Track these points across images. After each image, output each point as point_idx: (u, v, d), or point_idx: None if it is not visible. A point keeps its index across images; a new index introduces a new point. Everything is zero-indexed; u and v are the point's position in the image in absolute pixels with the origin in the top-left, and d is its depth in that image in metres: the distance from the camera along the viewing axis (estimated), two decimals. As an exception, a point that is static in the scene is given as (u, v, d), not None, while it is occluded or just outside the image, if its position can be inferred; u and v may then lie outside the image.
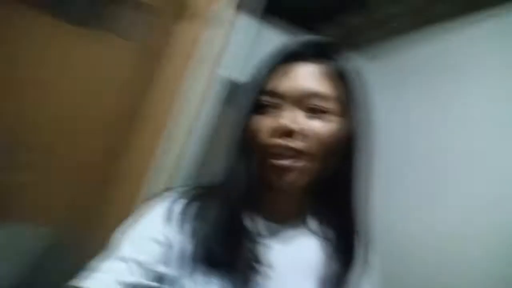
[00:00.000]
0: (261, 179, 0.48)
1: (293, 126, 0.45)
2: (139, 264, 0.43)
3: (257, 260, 0.47)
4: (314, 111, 0.47)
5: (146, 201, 0.52)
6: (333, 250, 0.53)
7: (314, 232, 0.55)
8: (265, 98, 0.48)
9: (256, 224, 0.50)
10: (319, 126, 0.46)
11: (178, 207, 0.50)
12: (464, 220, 1.00)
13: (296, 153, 0.45)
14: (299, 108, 0.47)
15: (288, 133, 0.45)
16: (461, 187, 1.05)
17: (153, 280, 0.44)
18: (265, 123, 0.47)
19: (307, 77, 0.48)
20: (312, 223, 0.55)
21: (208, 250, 0.45)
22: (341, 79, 0.50)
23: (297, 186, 0.48)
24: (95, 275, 0.42)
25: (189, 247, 0.46)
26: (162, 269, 0.45)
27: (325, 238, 0.54)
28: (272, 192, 0.51)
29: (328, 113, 0.47)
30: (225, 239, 0.46)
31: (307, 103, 0.47)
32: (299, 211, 0.55)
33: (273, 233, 0.51)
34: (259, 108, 0.48)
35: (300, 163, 0.46)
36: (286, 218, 0.53)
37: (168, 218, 0.48)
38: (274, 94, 0.47)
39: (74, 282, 0.41)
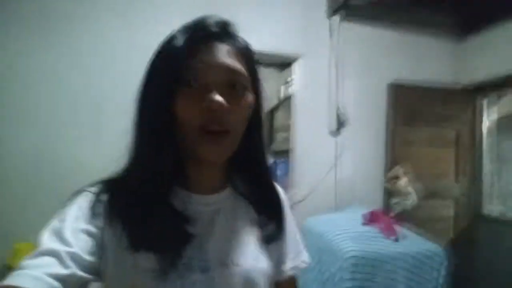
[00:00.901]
0: (187, 155, 0.51)
1: (225, 105, 0.46)
2: (69, 255, 0.42)
3: (187, 235, 0.49)
4: (236, 88, 0.49)
5: (70, 197, 0.51)
6: (262, 206, 0.59)
7: (240, 194, 0.59)
8: (189, 76, 0.47)
9: (186, 199, 0.52)
10: (243, 102, 0.50)
11: (103, 198, 0.50)
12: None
13: (225, 129, 0.48)
14: (225, 86, 0.48)
15: (219, 111, 0.46)
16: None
17: (86, 272, 0.43)
18: (194, 101, 0.47)
19: (227, 55, 0.49)
20: (237, 186, 0.60)
21: (139, 234, 0.46)
22: (247, 55, 0.53)
23: (225, 158, 0.51)
24: (24, 272, 0.39)
25: (118, 236, 0.47)
26: (93, 259, 0.44)
27: (251, 197, 0.59)
28: (198, 166, 0.53)
29: (246, 89, 0.51)
30: (155, 220, 0.47)
31: (231, 80, 0.49)
32: (224, 179, 0.58)
33: (205, 204, 0.54)
34: (182, 85, 0.47)
35: (228, 138, 0.49)
36: (213, 187, 0.56)
37: (93, 209, 0.48)
38: (199, 72, 0.47)
39: (1, 283, 0.39)
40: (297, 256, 0.65)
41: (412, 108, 2.52)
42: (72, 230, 0.45)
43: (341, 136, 2.37)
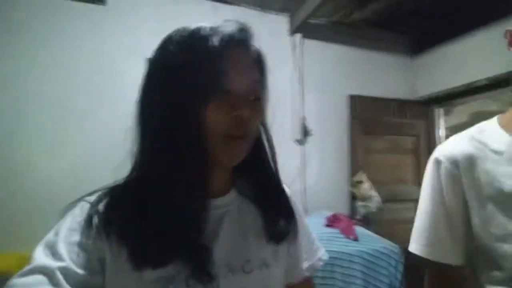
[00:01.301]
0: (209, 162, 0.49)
1: (249, 118, 0.47)
2: (62, 271, 0.41)
3: (202, 248, 0.47)
4: (256, 97, 0.50)
5: (68, 207, 0.49)
6: (269, 208, 0.57)
7: (246, 196, 0.58)
8: (223, 85, 0.46)
9: (198, 204, 0.49)
10: (260, 112, 0.52)
11: (100, 208, 0.47)
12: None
13: (244, 137, 0.49)
14: (247, 96, 0.48)
15: (244, 123, 0.47)
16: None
17: (77, 286, 0.41)
18: (224, 109, 0.46)
19: (251, 64, 0.50)
20: (241, 188, 0.59)
21: (145, 252, 0.44)
22: (263, 62, 0.53)
23: (238, 163, 0.51)
24: None
25: (116, 249, 0.44)
26: (87, 273, 0.42)
27: (258, 199, 0.58)
28: (212, 168, 0.51)
29: (263, 98, 0.52)
30: (167, 234, 0.45)
31: (256, 92, 0.50)
32: (230, 181, 0.58)
33: (212, 208, 0.51)
34: (214, 93, 0.46)
35: (246, 143, 0.50)
36: (220, 190, 0.55)
37: (89, 221, 0.45)
38: (232, 82, 0.47)
39: None
40: (312, 256, 0.65)
41: (371, 118, 2.71)
42: (66, 244, 0.43)
43: (307, 145, 2.50)
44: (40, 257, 0.42)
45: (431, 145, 2.84)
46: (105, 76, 2.04)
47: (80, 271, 0.42)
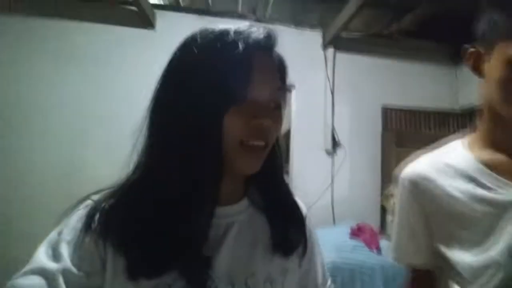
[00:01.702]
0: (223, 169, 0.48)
1: (270, 127, 0.46)
2: (61, 273, 0.40)
3: (204, 259, 0.45)
4: (276, 105, 0.49)
5: (74, 205, 0.48)
6: (280, 220, 0.55)
7: (258, 206, 0.56)
8: (245, 93, 0.44)
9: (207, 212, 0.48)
10: (280, 121, 0.50)
11: (105, 207, 0.45)
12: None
13: (265, 146, 0.48)
14: (269, 104, 0.47)
15: (264, 132, 0.46)
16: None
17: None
18: (244, 117, 0.45)
19: (274, 71, 0.48)
20: (254, 197, 0.56)
21: (144, 261, 0.42)
22: (284, 70, 0.52)
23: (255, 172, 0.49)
24: None
25: (115, 257, 0.43)
26: (86, 275, 0.42)
27: (269, 210, 0.56)
28: (223, 177, 0.49)
29: (283, 107, 0.51)
30: (168, 241, 0.43)
31: (278, 101, 0.49)
32: (242, 189, 0.56)
33: (218, 216, 0.49)
34: (235, 100, 0.44)
35: (265, 152, 0.49)
36: (231, 198, 0.53)
37: (92, 220, 0.44)
38: (255, 90, 0.45)
39: None
40: (324, 284, 0.63)
41: (406, 130, 2.66)
42: (68, 244, 0.43)
43: (337, 156, 2.56)
44: (41, 257, 0.42)
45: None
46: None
47: (80, 273, 0.41)
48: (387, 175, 2.57)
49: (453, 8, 2.26)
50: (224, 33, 0.46)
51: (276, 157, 0.55)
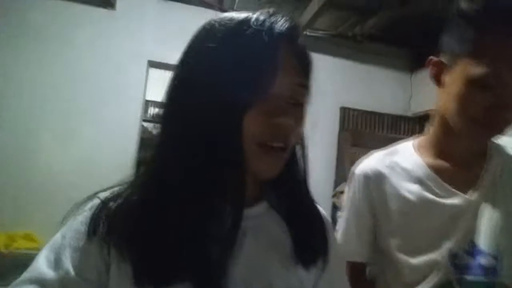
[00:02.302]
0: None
1: (291, 126, 0.42)
2: (60, 283, 0.38)
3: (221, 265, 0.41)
4: (298, 104, 0.44)
5: (80, 204, 0.45)
6: (300, 226, 0.50)
7: (277, 211, 0.51)
8: (267, 90, 0.40)
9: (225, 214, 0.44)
10: (302, 119, 0.46)
11: (112, 208, 0.42)
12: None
13: (285, 147, 0.44)
14: (290, 102, 0.43)
15: (284, 131, 0.43)
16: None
17: None
18: (263, 116, 0.41)
19: (299, 65, 0.44)
20: (273, 201, 0.52)
21: (156, 267, 0.38)
22: (309, 64, 0.47)
23: (276, 175, 0.46)
24: None
25: (120, 262, 0.39)
26: (89, 282, 0.39)
27: (288, 215, 0.51)
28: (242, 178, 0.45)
29: (305, 104, 0.46)
30: (180, 245, 0.40)
31: (301, 100, 0.45)
32: (260, 191, 0.51)
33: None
34: (256, 98, 0.41)
35: (285, 153, 0.45)
36: (248, 200, 0.48)
37: (97, 222, 0.41)
38: (277, 88, 0.41)
39: None
40: None
41: (362, 131, 2.77)
42: (72, 249, 0.40)
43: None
44: (41, 264, 0.39)
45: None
46: (110, 77, 2.23)
47: (83, 280, 0.39)
48: (341, 174, 2.68)
49: (414, 15, 2.35)
50: (245, 23, 0.41)
51: (298, 159, 0.51)
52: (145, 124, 4.02)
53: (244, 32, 0.40)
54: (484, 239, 0.60)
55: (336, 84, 2.75)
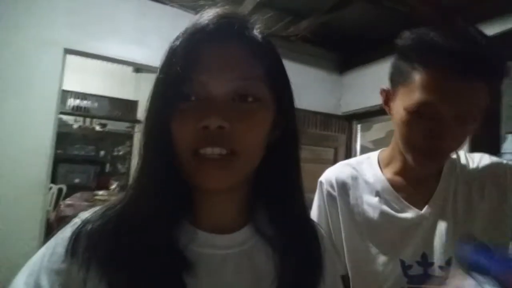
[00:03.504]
0: (188, 183, 0.40)
1: (226, 126, 0.36)
2: None
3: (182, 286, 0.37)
4: (248, 100, 0.39)
5: (61, 225, 0.42)
6: (292, 254, 0.43)
7: (264, 235, 0.45)
8: (187, 88, 0.38)
9: (189, 237, 0.41)
10: (258, 116, 0.40)
11: (89, 230, 0.39)
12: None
13: (226, 154, 0.38)
14: (232, 98, 0.38)
15: (217, 132, 0.36)
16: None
17: None
18: (190, 119, 0.37)
19: (235, 59, 0.39)
20: (260, 223, 0.45)
21: (120, 283, 0.36)
22: (266, 56, 0.42)
23: (227, 188, 0.39)
24: None
25: (102, 282, 0.36)
26: None
27: (277, 241, 0.44)
28: (206, 196, 0.43)
29: (262, 100, 0.40)
30: (141, 265, 0.37)
31: (240, 91, 0.39)
32: (244, 213, 0.45)
33: (212, 246, 0.42)
34: (180, 100, 0.38)
35: (235, 161, 0.38)
36: (228, 224, 0.44)
37: (75, 244, 0.38)
38: (198, 83, 0.38)
39: None
40: None
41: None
42: (50, 272, 0.37)
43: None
44: (15, 284, 0.37)
45: (348, 157, 3.12)
46: (12, 66, 1.91)
47: None
48: None
49: (345, 20, 2.51)
50: (184, 30, 0.40)
51: (283, 167, 0.45)
52: (64, 117, 3.49)
53: (176, 38, 0.40)
54: (435, 252, 0.64)
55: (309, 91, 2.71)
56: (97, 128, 4.56)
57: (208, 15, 0.40)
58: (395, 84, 0.64)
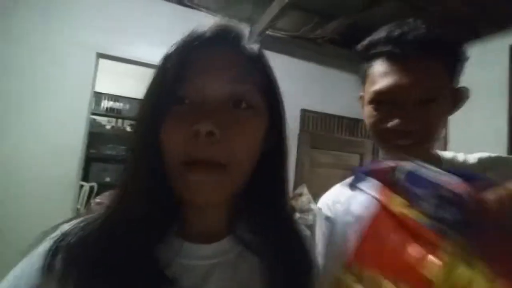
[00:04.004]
0: (175, 194, 0.39)
1: (216, 133, 0.35)
2: None
3: None
4: (242, 106, 0.38)
5: (40, 237, 0.39)
6: (277, 263, 0.42)
7: (247, 245, 0.44)
8: (179, 92, 0.38)
9: (175, 248, 0.39)
10: (250, 125, 0.39)
11: (67, 247, 0.37)
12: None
13: (221, 162, 0.36)
14: (225, 104, 0.38)
15: (208, 140, 0.35)
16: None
17: None
18: (181, 125, 0.36)
19: (229, 66, 0.39)
20: (242, 233, 0.44)
21: None
22: (258, 66, 0.42)
23: (217, 202, 0.39)
24: None
25: None
26: None
27: (262, 250, 0.43)
28: (193, 207, 0.41)
29: (255, 108, 0.40)
30: (122, 279, 0.35)
31: (234, 96, 0.38)
32: (227, 223, 0.44)
33: (198, 257, 0.41)
34: (172, 104, 0.37)
35: (225, 173, 0.37)
36: (213, 234, 0.43)
37: (52, 260, 0.36)
38: (190, 86, 0.37)
39: None
40: None
41: (321, 134, 2.81)
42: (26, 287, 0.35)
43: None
44: None
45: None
46: (49, 69, 2.02)
47: None
48: (300, 175, 2.66)
49: (373, 21, 2.40)
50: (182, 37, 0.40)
51: (269, 177, 0.44)
52: (98, 118, 3.90)
53: (173, 44, 0.40)
54: None
55: (296, 86, 2.73)
56: (128, 128, 4.71)
57: (205, 26, 0.41)
58: (362, 87, 0.69)
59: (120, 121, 4.68)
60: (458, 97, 0.64)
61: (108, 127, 4.53)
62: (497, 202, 0.28)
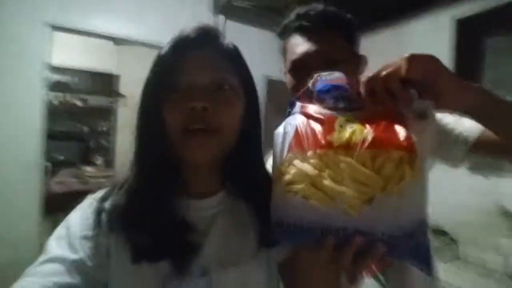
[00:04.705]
0: (177, 159, 0.51)
1: (209, 107, 0.47)
2: (76, 263, 0.44)
3: (191, 246, 0.49)
4: (225, 88, 0.51)
5: (76, 203, 0.52)
6: (262, 207, 0.52)
7: (237, 196, 0.57)
8: (173, 80, 0.49)
9: (184, 205, 0.53)
10: (233, 102, 0.51)
11: (106, 205, 0.51)
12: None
13: (212, 127, 0.48)
14: (211, 87, 0.50)
15: (202, 112, 0.47)
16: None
17: (90, 279, 0.45)
18: (178, 104, 0.48)
19: (208, 59, 0.51)
20: (232, 189, 0.58)
21: (141, 247, 0.47)
22: (234, 59, 0.54)
23: (208, 161, 0.51)
24: (33, 280, 0.41)
25: (121, 244, 0.48)
26: (97, 267, 0.46)
27: (249, 198, 0.56)
28: (192, 170, 0.54)
29: (235, 90, 0.52)
30: (156, 231, 0.48)
31: (217, 80, 0.50)
32: (219, 182, 0.57)
33: (202, 209, 0.54)
34: (168, 90, 0.49)
35: (215, 137, 0.49)
36: (209, 191, 0.56)
37: (97, 217, 0.50)
38: (182, 74, 0.49)
39: None
40: None
41: (286, 101, 2.91)
42: (79, 238, 0.47)
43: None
44: (56, 248, 0.46)
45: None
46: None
47: (91, 263, 0.46)
48: (269, 143, 2.67)
49: None
50: (171, 39, 0.52)
51: (249, 141, 0.55)
52: (54, 93, 3.59)
53: (165, 45, 0.52)
54: None
55: (262, 56, 2.71)
56: (78, 103, 4.41)
57: (189, 28, 0.53)
58: (283, 61, 0.82)
59: (68, 95, 4.32)
60: (361, 62, 0.79)
61: (55, 102, 4.18)
62: (367, 80, 0.45)
